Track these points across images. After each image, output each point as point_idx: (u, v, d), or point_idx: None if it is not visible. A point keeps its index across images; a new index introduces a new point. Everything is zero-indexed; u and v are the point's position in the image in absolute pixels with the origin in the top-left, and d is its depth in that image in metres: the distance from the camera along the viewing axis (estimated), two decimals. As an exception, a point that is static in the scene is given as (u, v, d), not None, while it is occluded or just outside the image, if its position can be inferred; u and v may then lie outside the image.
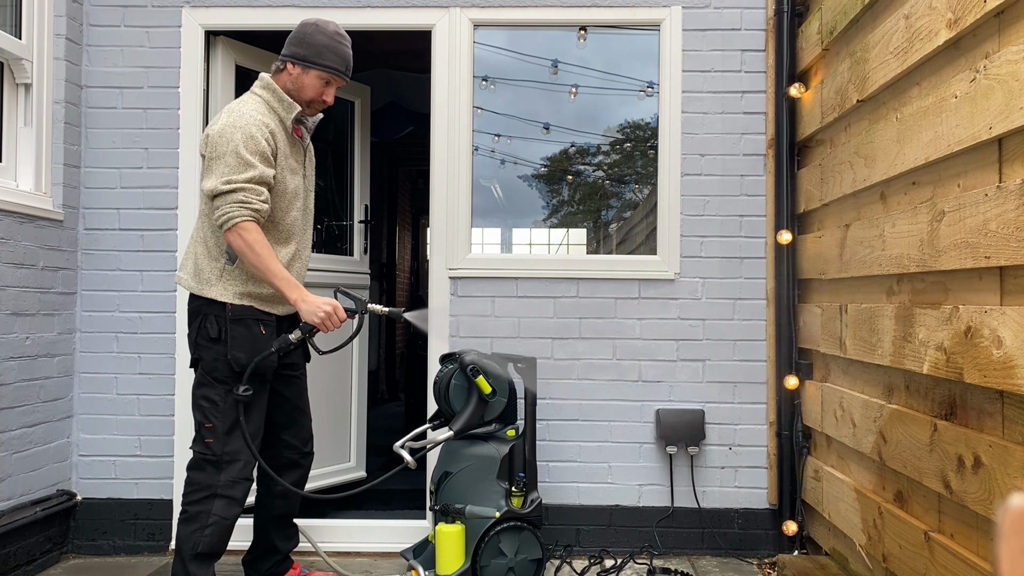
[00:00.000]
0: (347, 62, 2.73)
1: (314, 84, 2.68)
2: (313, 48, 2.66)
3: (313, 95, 2.70)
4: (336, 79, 2.71)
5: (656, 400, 3.49)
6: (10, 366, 3.08)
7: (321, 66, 2.66)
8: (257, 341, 2.61)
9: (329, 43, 2.67)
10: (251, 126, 2.54)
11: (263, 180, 2.54)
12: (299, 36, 2.69)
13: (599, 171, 4.00)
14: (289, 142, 2.69)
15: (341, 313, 2.60)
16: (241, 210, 2.49)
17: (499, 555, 2.90)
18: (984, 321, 1.91)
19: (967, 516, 2.03)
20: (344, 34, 2.75)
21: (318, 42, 2.66)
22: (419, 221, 10.20)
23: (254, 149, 2.52)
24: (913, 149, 2.28)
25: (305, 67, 2.66)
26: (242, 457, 2.60)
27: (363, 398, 4.25)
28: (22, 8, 3.26)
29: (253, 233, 2.50)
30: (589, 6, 3.53)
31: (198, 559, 2.55)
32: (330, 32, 2.69)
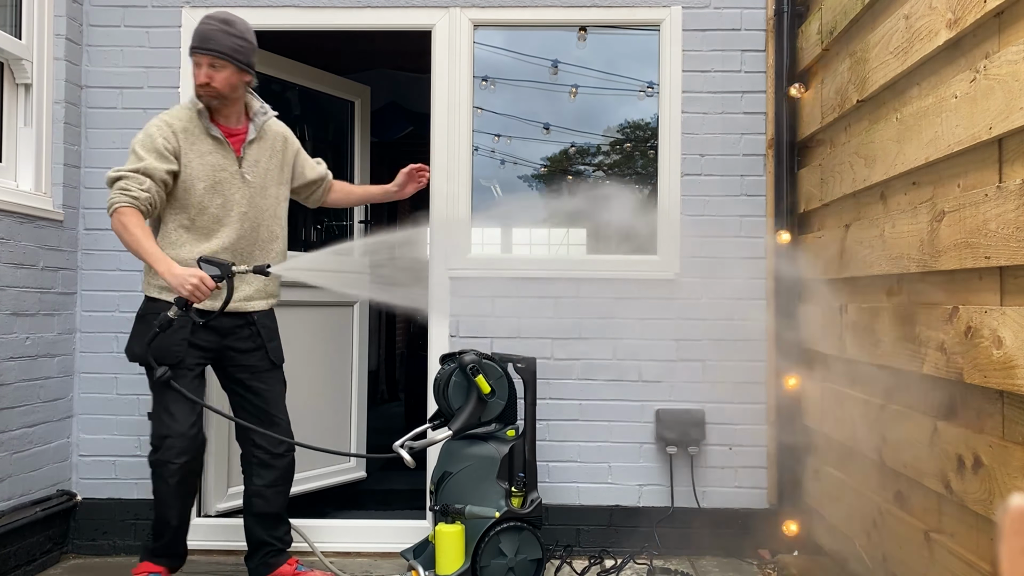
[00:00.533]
0: (201, 36, 2.77)
1: (194, 71, 2.79)
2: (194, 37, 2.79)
3: (197, 80, 2.78)
4: (199, 56, 2.76)
5: (656, 400, 3.49)
6: (10, 366, 3.08)
7: (190, 50, 2.79)
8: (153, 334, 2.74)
9: (200, 27, 2.78)
10: (152, 127, 2.74)
11: (146, 171, 2.68)
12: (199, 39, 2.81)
13: (599, 171, 4.00)
14: (207, 139, 2.80)
15: (209, 282, 2.64)
16: (121, 196, 2.65)
17: (499, 555, 2.90)
18: (984, 321, 1.91)
19: (967, 516, 2.03)
20: (212, 15, 2.82)
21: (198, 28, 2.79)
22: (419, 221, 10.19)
23: (149, 146, 2.70)
24: (913, 149, 2.28)
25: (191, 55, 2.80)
26: (165, 443, 2.73)
27: (363, 398, 4.25)
28: (22, 8, 3.26)
29: (126, 216, 2.64)
30: (589, 6, 3.53)
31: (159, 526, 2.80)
32: (217, 17, 2.81)
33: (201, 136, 2.80)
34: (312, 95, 4.15)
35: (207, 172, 2.79)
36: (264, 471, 2.91)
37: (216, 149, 2.82)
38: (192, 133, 2.78)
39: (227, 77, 2.77)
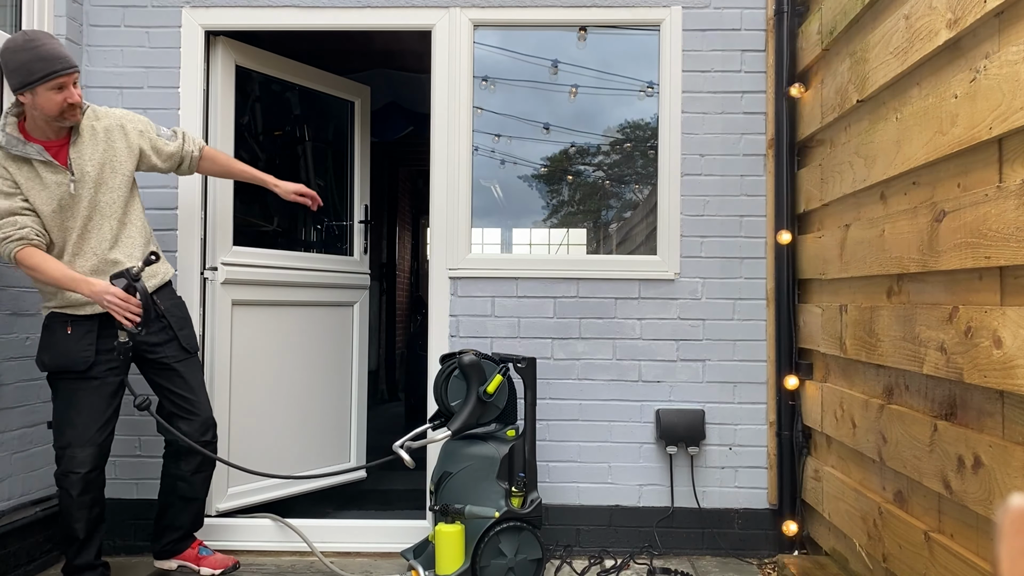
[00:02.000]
0: (58, 56, 2.57)
1: (50, 98, 2.58)
2: (21, 70, 2.55)
3: (59, 106, 2.60)
4: (64, 78, 2.58)
5: (656, 400, 3.49)
6: (10, 366, 3.08)
7: (40, 79, 2.54)
8: (62, 342, 2.77)
9: (29, 56, 2.54)
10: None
11: (10, 211, 2.64)
12: (4, 69, 2.61)
13: (599, 171, 4.00)
14: (27, 164, 2.67)
15: (120, 293, 2.64)
16: (7, 245, 2.64)
17: (499, 555, 2.90)
18: (984, 321, 1.91)
19: (967, 516, 2.03)
20: (35, 36, 2.62)
21: (20, 61, 2.54)
22: (419, 221, 10.20)
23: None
24: (913, 149, 2.28)
25: (31, 89, 2.56)
26: (67, 452, 2.77)
27: (363, 398, 4.25)
28: (22, 8, 3.26)
29: (28, 258, 2.65)
30: (589, 6, 3.53)
31: (64, 541, 2.84)
32: (20, 45, 2.56)
33: (22, 163, 2.66)
34: (312, 95, 4.15)
35: (48, 196, 2.69)
36: (191, 457, 2.98)
37: (45, 169, 2.69)
38: (14, 162, 2.65)
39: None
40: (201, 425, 2.98)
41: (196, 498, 3.06)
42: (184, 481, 3.02)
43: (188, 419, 2.96)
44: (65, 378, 2.79)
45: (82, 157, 2.76)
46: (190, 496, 3.04)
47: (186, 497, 3.04)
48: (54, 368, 2.78)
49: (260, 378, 3.66)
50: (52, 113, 2.61)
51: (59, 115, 2.62)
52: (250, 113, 4.01)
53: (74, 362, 2.76)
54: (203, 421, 2.99)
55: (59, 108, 2.60)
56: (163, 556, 3.10)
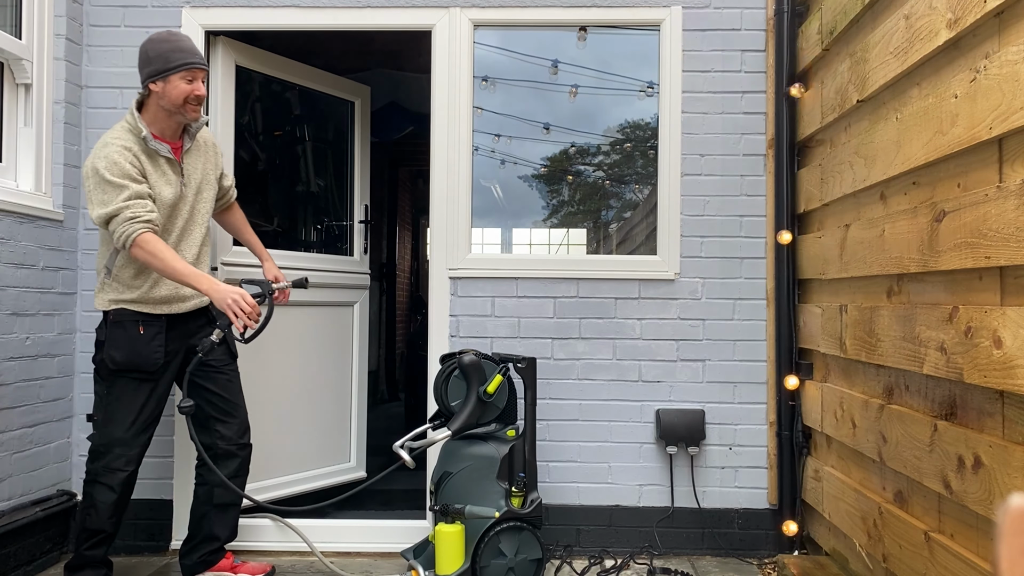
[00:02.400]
0: (194, 52, 2.81)
1: (179, 87, 2.76)
2: (160, 58, 2.75)
3: (185, 95, 2.77)
4: (195, 71, 2.78)
5: (656, 400, 3.49)
6: (10, 366, 3.08)
7: (176, 67, 2.75)
8: (135, 341, 2.79)
9: (170, 46, 2.76)
10: (113, 152, 2.69)
11: (139, 194, 2.69)
12: (143, 57, 2.79)
13: (599, 171, 4.00)
14: (155, 158, 2.80)
15: (249, 299, 2.70)
16: (133, 225, 2.65)
17: (499, 555, 2.90)
18: (984, 321, 1.91)
19: (967, 516, 2.03)
20: (177, 32, 2.87)
21: (162, 50, 2.76)
22: (419, 221, 10.20)
23: (119, 172, 2.67)
24: (913, 149, 2.28)
25: (164, 77, 2.75)
26: (115, 449, 2.79)
27: (363, 398, 4.25)
28: (22, 8, 3.27)
29: (151, 243, 2.66)
30: (589, 6, 3.53)
31: (84, 534, 2.82)
32: (164, 37, 2.80)
33: (153, 156, 2.79)
34: (312, 95, 4.15)
35: (160, 189, 2.80)
36: (228, 461, 2.96)
37: (165, 165, 2.82)
38: (147, 155, 2.77)
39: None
40: (239, 427, 2.99)
41: (234, 504, 3.01)
42: (223, 487, 2.95)
43: (227, 422, 2.96)
44: (128, 376, 2.79)
45: (192, 164, 2.92)
46: (228, 502, 2.99)
47: (224, 504, 2.98)
48: (124, 366, 2.77)
49: (260, 378, 3.65)
50: (177, 102, 2.75)
51: (183, 105, 2.77)
52: (250, 113, 4.01)
53: (145, 362, 2.79)
54: (241, 423, 3.01)
55: (184, 97, 2.76)
56: (197, 570, 2.99)
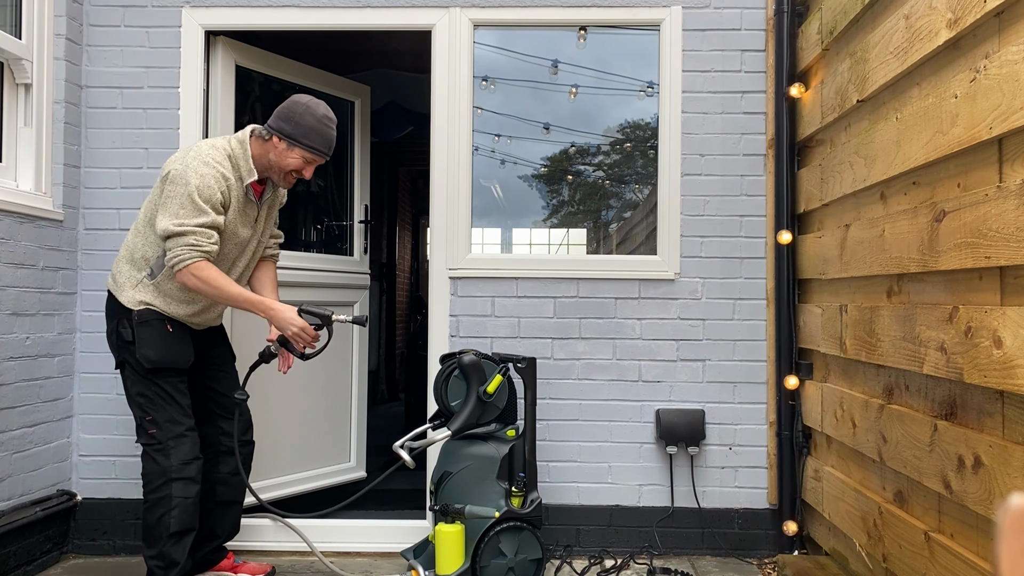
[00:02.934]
0: (330, 145, 2.86)
1: (296, 161, 2.81)
2: (301, 128, 2.78)
3: (294, 167, 2.82)
4: (318, 159, 2.85)
5: (656, 400, 3.49)
6: (10, 366, 3.08)
7: (306, 146, 2.79)
8: (167, 338, 2.78)
9: (316, 126, 2.80)
10: (210, 176, 2.69)
11: (214, 225, 2.70)
12: (289, 112, 2.80)
13: (599, 171, 4.00)
14: (242, 198, 2.82)
15: (310, 331, 2.80)
16: (192, 252, 2.65)
17: (499, 555, 2.90)
18: (984, 321, 1.91)
19: (967, 516, 2.03)
20: (332, 117, 2.86)
21: (306, 123, 2.78)
22: (419, 221, 10.20)
23: (208, 197, 2.68)
24: (913, 149, 2.28)
25: (291, 144, 2.79)
26: (187, 438, 2.78)
27: (363, 398, 4.25)
28: (22, 8, 3.26)
29: (205, 271, 2.67)
30: (589, 6, 3.53)
31: (173, 538, 2.73)
32: (319, 115, 2.81)
33: (239, 191, 2.82)
34: (312, 95, 4.15)
35: (236, 226, 2.83)
36: (230, 458, 2.97)
37: (246, 205, 2.86)
38: (235, 189, 2.79)
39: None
40: (242, 424, 3.01)
41: (236, 501, 3.03)
42: (224, 484, 2.97)
43: (229, 418, 2.98)
44: (166, 375, 2.79)
45: (263, 211, 2.95)
46: (230, 499, 3.00)
47: (226, 501, 2.99)
48: (161, 363, 2.76)
49: (260, 378, 3.65)
50: (283, 168, 2.82)
51: (285, 173, 2.83)
52: (250, 113, 4.00)
53: (180, 359, 2.80)
54: (245, 420, 3.03)
55: (287, 170, 2.82)
56: (198, 569, 2.97)
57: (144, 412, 2.79)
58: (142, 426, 2.80)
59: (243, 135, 2.83)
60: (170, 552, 2.72)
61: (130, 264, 2.82)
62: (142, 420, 2.79)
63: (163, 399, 2.78)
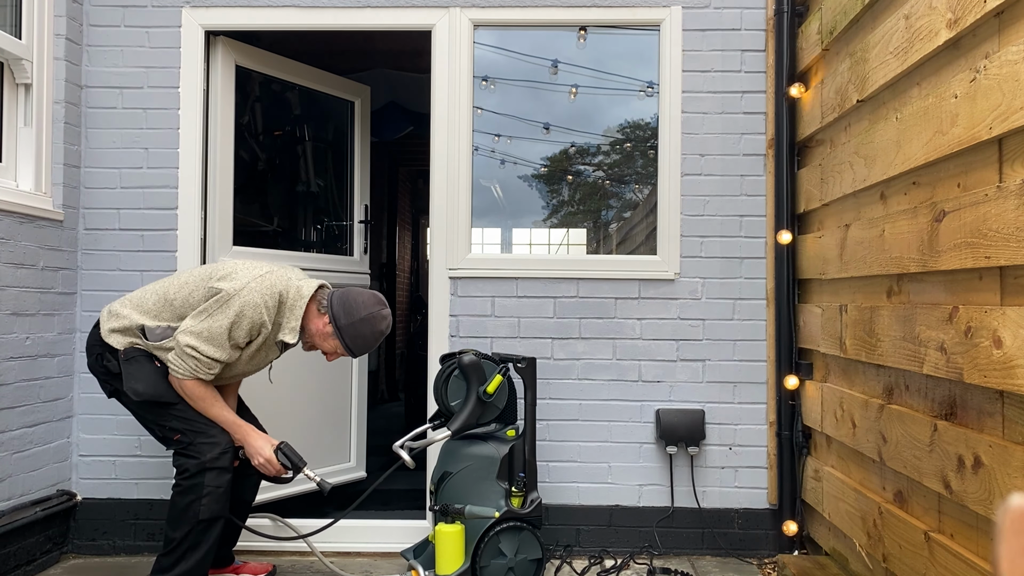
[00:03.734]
0: (366, 351, 2.89)
1: (331, 347, 2.85)
2: (353, 330, 2.80)
3: (323, 349, 2.87)
4: (347, 355, 2.87)
5: (656, 400, 3.49)
6: (10, 366, 3.08)
7: (346, 346, 2.82)
8: (156, 373, 2.79)
9: (368, 336, 2.82)
10: (248, 319, 2.70)
11: (223, 361, 2.73)
12: (352, 309, 2.80)
13: (599, 171, 4.00)
14: (270, 342, 2.84)
15: (275, 466, 2.82)
16: (187, 372, 2.70)
17: (499, 555, 2.90)
18: (984, 321, 1.91)
19: (967, 516, 2.03)
20: (385, 332, 2.88)
21: (360, 330, 2.80)
22: (419, 221, 10.20)
23: (236, 337, 2.71)
24: (913, 149, 2.28)
25: (336, 334, 2.81)
26: (216, 431, 2.77)
27: (363, 398, 4.25)
28: (22, 8, 3.26)
29: (193, 389, 2.73)
30: (589, 6, 3.53)
31: (202, 524, 2.72)
32: (377, 330, 2.83)
33: (272, 337, 2.82)
34: (312, 95, 4.15)
35: (246, 363, 2.85)
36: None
37: (270, 348, 2.86)
38: (268, 335, 2.79)
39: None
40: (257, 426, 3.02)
41: (245, 501, 3.02)
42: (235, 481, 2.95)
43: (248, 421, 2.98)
44: (160, 402, 2.79)
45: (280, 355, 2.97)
46: (242, 498, 2.99)
47: (237, 499, 2.97)
48: (149, 398, 2.76)
49: (259, 378, 3.65)
50: (315, 344, 2.86)
51: (312, 347, 2.89)
52: (250, 113, 4.01)
53: (168, 394, 2.78)
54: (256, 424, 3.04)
55: (321, 349, 2.88)
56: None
57: (159, 426, 2.80)
58: (165, 437, 2.81)
59: (308, 289, 2.80)
60: (197, 537, 2.72)
61: (131, 320, 2.79)
62: (163, 432, 2.80)
63: (175, 411, 2.78)
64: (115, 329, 2.80)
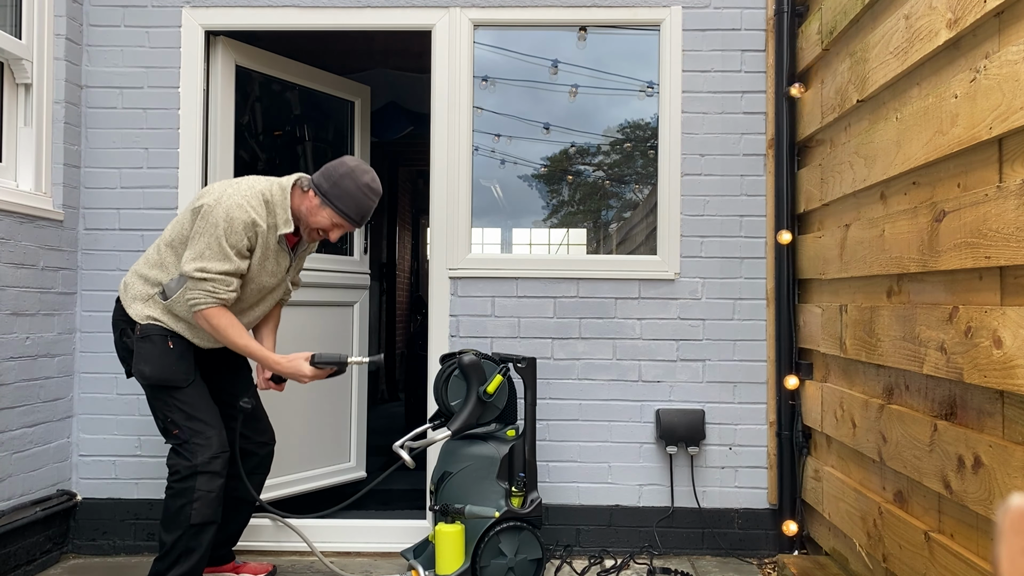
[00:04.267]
0: (364, 215, 2.80)
1: (325, 220, 2.77)
2: (337, 189, 2.73)
3: (320, 227, 2.79)
4: (346, 225, 2.79)
5: (656, 400, 3.49)
6: (10, 366, 3.08)
7: (336, 209, 2.74)
8: (166, 356, 2.75)
9: (354, 192, 2.74)
10: (239, 222, 2.65)
11: (235, 272, 2.69)
12: (332, 170, 2.76)
13: (599, 171, 4.00)
14: (274, 245, 2.79)
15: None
16: (209, 298, 2.65)
17: (499, 555, 2.90)
18: (984, 321, 1.91)
19: (967, 516, 2.03)
20: (375, 188, 2.79)
21: (344, 187, 2.73)
22: (419, 221, 10.20)
23: (235, 243, 2.65)
24: (913, 149, 2.28)
25: (323, 202, 2.74)
26: (213, 433, 2.75)
27: (363, 398, 4.25)
28: (22, 8, 3.26)
29: (219, 319, 2.67)
30: (589, 6, 3.53)
31: (193, 529, 2.71)
32: (361, 183, 2.75)
33: (271, 239, 2.78)
34: (312, 95, 4.15)
35: (266, 276, 2.82)
36: (248, 458, 2.98)
37: (278, 253, 2.83)
38: (267, 235, 2.75)
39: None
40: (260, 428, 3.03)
41: (250, 500, 3.01)
42: (240, 480, 2.96)
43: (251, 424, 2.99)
44: (167, 387, 2.76)
45: (295, 261, 2.94)
46: (244, 497, 2.99)
47: (239, 499, 2.98)
48: (156, 381, 2.74)
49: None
50: (309, 224, 2.78)
51: (311, 229, 2.80)
52: (250, 113, 4.01)
53: (175, 377, 2.75)
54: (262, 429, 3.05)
55: (316, 230, 2.79)
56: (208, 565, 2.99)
57: (164, 416, 2.77)
58: (165, 428, 2.78)
59: (287, 181, 2.78)
60: (188, 542, 2.71)
61: (144, 280, 2.79)
62: (164, 423, 2.78)
63: (180, 403, 2.76)
64: (135, 297, 2.78)
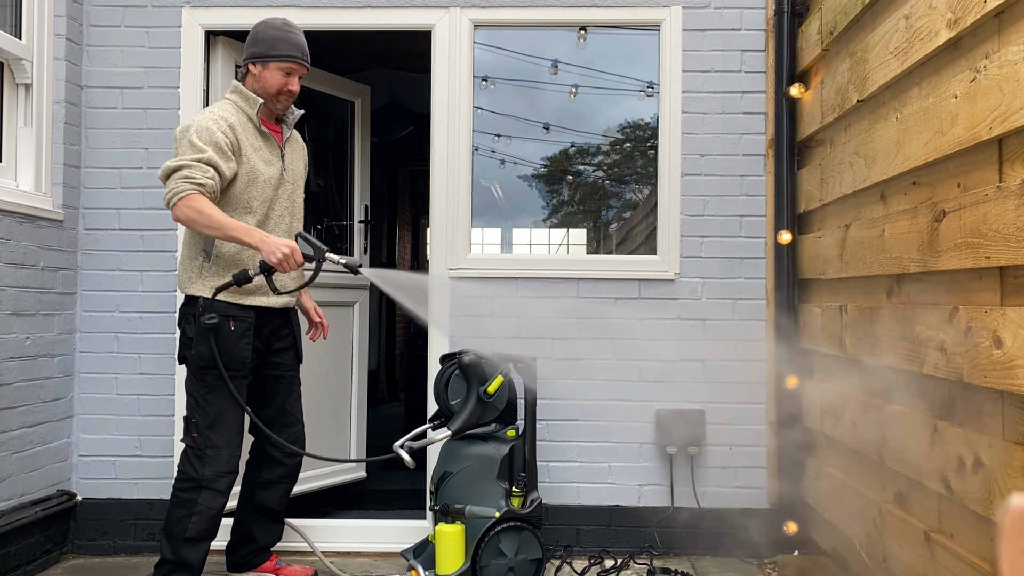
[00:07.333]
0: (301, 48, 2.81)
1: (275, 77, 2.78)
2: (266, 43, 2.77)
3: (278, 87, 2.79)
4: (296, 66, 2.80)
5: (656, 400, 3.49)
6: (10, 366, 3.08)
7: (278, 57, 2.76)
8: (226, 337, 2.70)
9: (280, 35, 2.78)
10: (207, 120, 2.67)
11: (210, 162, 2.62)
12: (252, 37, 2.82)
13: (599, 171, 4.00)
14: (258, 136, 2.80)
15: (299, 256, 2.63)
16: (185, 184, 2.57)
17: (499, 555, 2.90)
18: (984, 321, 1.91)
19: (967, 516, 2.03)
20: (293, 24, 2.84)
21: (269, 36, 2.78)
22: (419, 221, 10.20)
23: (207, 139, 2.63)
24: (913, 149, 2.28)
25: (264, 62, 2.78)
26: (225, 452, 2.72)
27: (363, 398, 4.25)
28: (22, 8, 3.26)
29: (197, 201, 2.56)
30: (589, 6, 3.53)
31: (188, 543, 2.70)
32: (278, 25, 2.81)
33: (253, 132, 2.77)
34: (312, 95, 4.15)
35: (264, 167, 2.78)
36: (275, 467, 2.96)
37: (264, 145, 2.81)
38: (238, 128, 2.73)
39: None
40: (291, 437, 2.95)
41: (272, 509, 3.00)
42: (263, 489, 2.95)
43: (279, 430, 2.92)
44: (219, 378, 2.68)
45: (291, 155, 2.94)
46: (266, 506, 2.97)
47: (262, 507, 2.97)
48: (213, 362, 2.66)
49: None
50: (270, 92, 2.78)
51: (275, 95, 2.79)
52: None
53: (234, 360, 2.70)
54: (295, 437, 2.98)
55: (277, 89, 2.78)
56: (239, 569, 3.01)
57: (190, 413, 2.75)
58: (187, 425, 2.75)
59: (234, 84, 2.83)
60: (183, 554, 2.70)
61: (189, 258, 2.78)
62: (188, 419, 2.75)
63: (212, 406, 2.71)
64: (188, 279, 2.75)
